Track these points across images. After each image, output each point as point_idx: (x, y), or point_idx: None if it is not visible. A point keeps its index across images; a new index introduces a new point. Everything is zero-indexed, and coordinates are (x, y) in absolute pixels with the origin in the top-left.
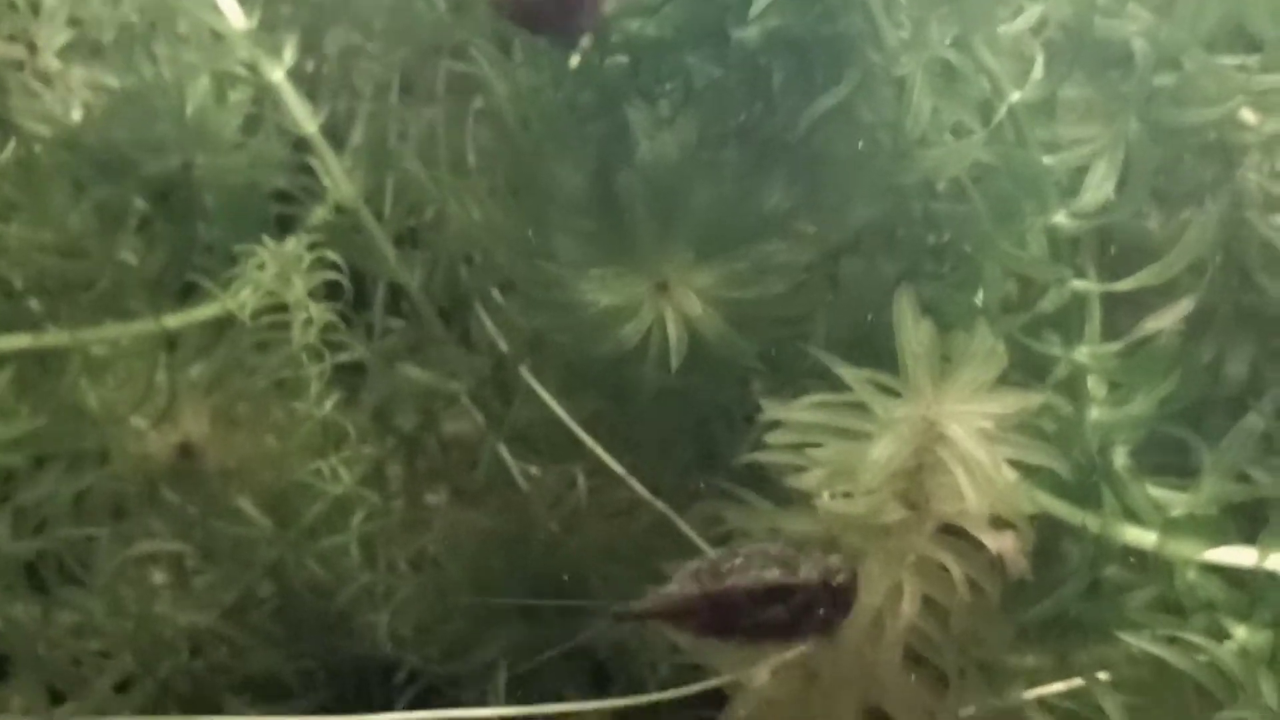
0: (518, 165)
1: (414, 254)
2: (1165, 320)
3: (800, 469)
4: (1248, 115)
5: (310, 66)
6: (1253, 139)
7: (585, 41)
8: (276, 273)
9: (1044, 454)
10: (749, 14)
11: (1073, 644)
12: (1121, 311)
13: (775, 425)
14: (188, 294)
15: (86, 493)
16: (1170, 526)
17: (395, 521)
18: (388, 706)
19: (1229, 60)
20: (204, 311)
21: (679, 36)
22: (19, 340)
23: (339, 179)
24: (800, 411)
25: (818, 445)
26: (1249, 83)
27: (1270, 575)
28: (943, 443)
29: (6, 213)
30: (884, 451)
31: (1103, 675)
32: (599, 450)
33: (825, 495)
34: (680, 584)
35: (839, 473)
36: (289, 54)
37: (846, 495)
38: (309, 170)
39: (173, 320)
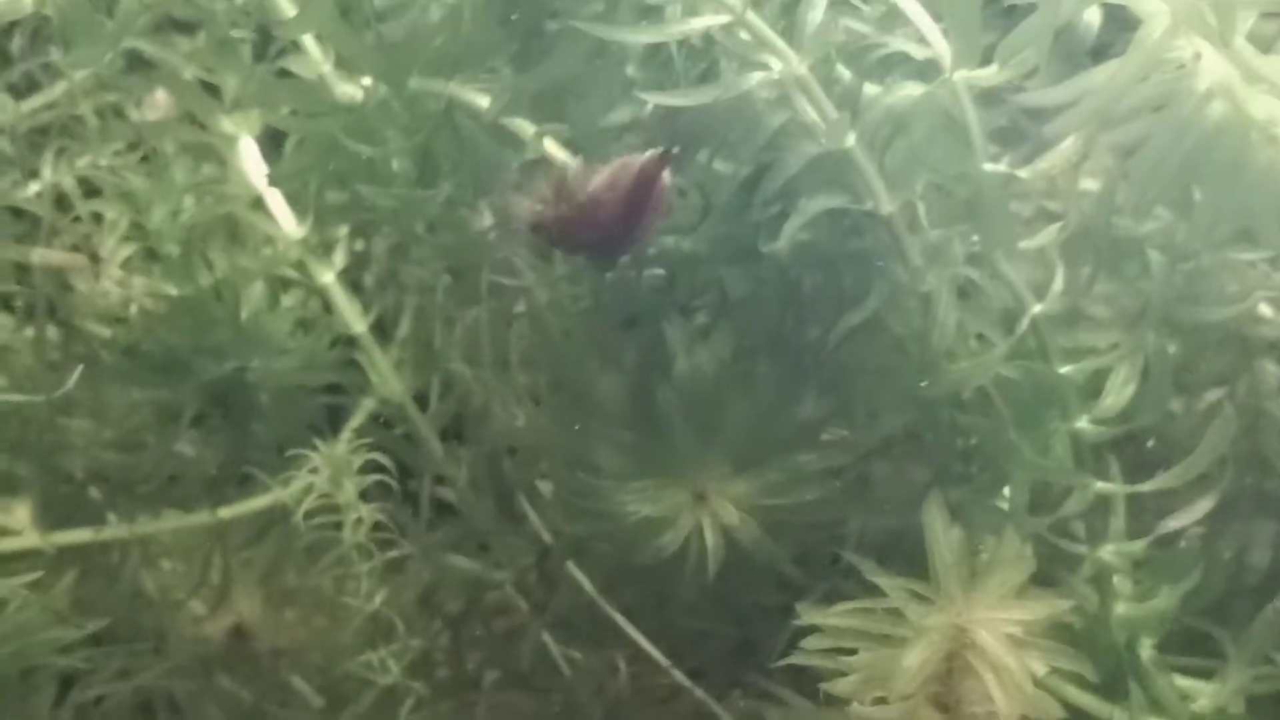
0: (558, 371)
1: (458, 448)
2: (1186, 519)
3: (837, 673)
4: (1264, 310)
5: (358, 268)
6: (1270, 332)
7: (623, 261)
8: (329, 476)
9: (1071, 659)
10: (780, 231)
11: None
12: (1146, 507)
13: (812, 629)
14: (241, 483)
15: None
16: (1196, 719)
17: (443, 710)
18: None
19: (1243, 256)
20: (258, 503)
21: (713, 251)
22: (81, 535)
23: (386, 375)
24: (836, 617)
25: (853, 650)
26: (1267, 279)
27: None
28: (973, 649)
29: (69, 408)
30: (917, 658)
31: None
32: (640, 639)
33: (860, 700)
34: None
35: (874, 679)
36: (339, 257)
37: (881, 700)
38: (357, 365)
39: (228, 511)
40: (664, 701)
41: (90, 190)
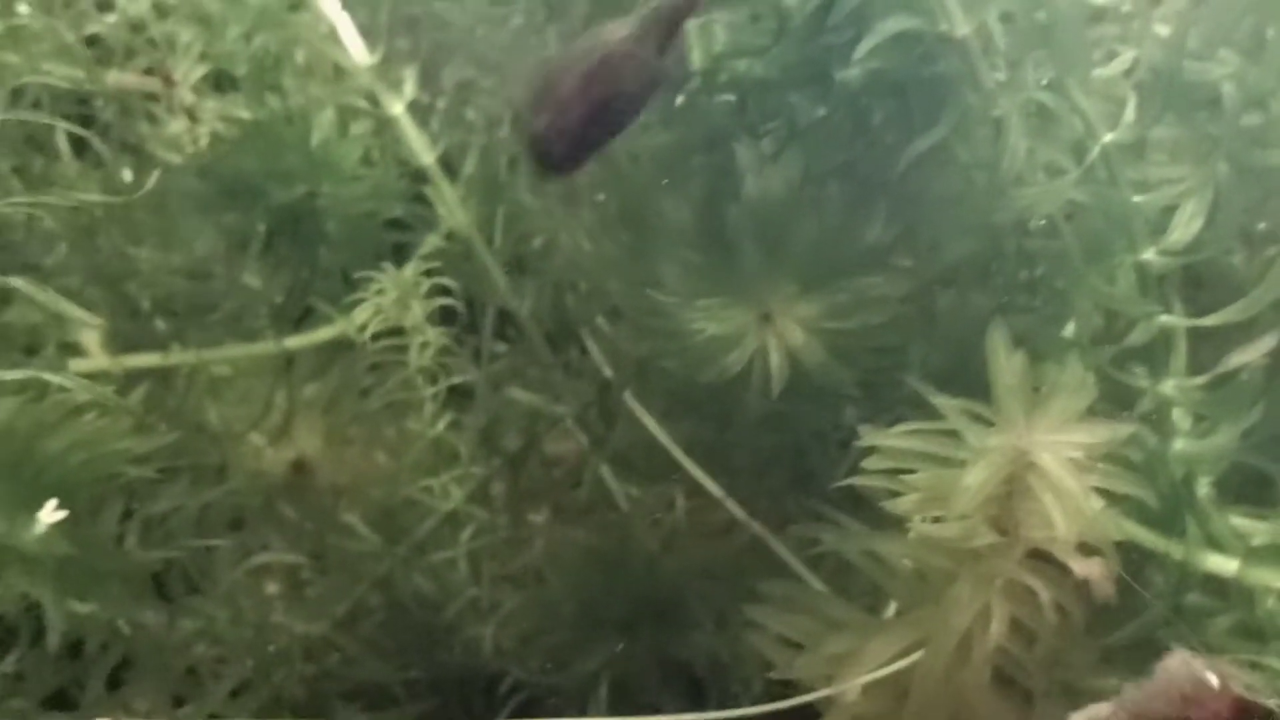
0: (627, 199)
1: (523, 281)
2: (1249, 355)
3: (895, 494)
4: None
5: (428, 100)
6: None
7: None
8: (396, 298)
9: (1131, 483)
10: (852, 56)
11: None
12: (1207, 346)
13: (872, 451)
14: (305, 316)
15: (208, 506)
16: (1252, 555)
17: (501, 538)
18: (491, 717)
19: None
20: (323, 334)
21: (784, 76)
22: (148, 359)
23: (453, 208)
24: (897, 438)
25: (912, 471)
26: None
27: None
28: (1033, 471)
29: (137, 237)
30: (977, 478)
31: None
32: (698, 473)
33: (919, 519)
34: None
35: (933, 498)
36: (409, 88)
37: (939, 520)
38: (424, 199)
39: (293, 342)
40: (720, 535)
41: (164, 13)
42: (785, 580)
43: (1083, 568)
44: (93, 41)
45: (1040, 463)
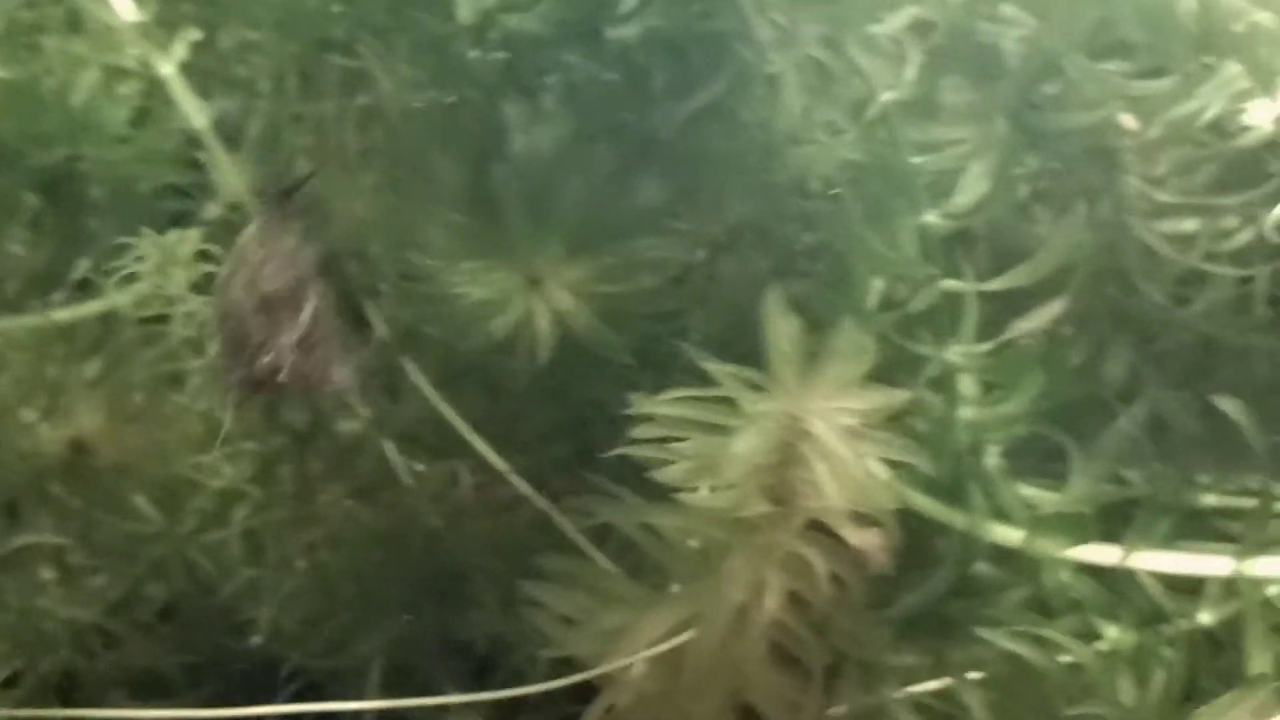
0: (398, 159)
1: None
2: (1035, 321)
3: (666, 463)
4: (1128, 121)
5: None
6: (1133, 144)
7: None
8: (157, 265)
9: (909, 450)
10: (623, 12)
11: (949, 643)
12: (1007, 315)
13: (644, 420)
14: (84, 287)
15: None
16: (1038, 524)
17: (280, 517)
18: (269, 702)
19: (1109, 66)
20: (93, 306)
21: (557, 33)
22: None
23: (228, 174)
24: (666, 405)
25: (683, 440)
26: (1127, 88)
27: (1134, 575)
28: (807, 438)
29: None
30: (745, 445)
31: (972, 674)
32: (482, 446)
33: (689, 489)
34: None
35: (702, 466)
36: (180, 48)
37: (711, 490)
38: (200, 165)
39: (63, 314)
40: (506, 511)
41: None
42: (570, 556)
43: (858, 538)
44: None
45: (813, 430)
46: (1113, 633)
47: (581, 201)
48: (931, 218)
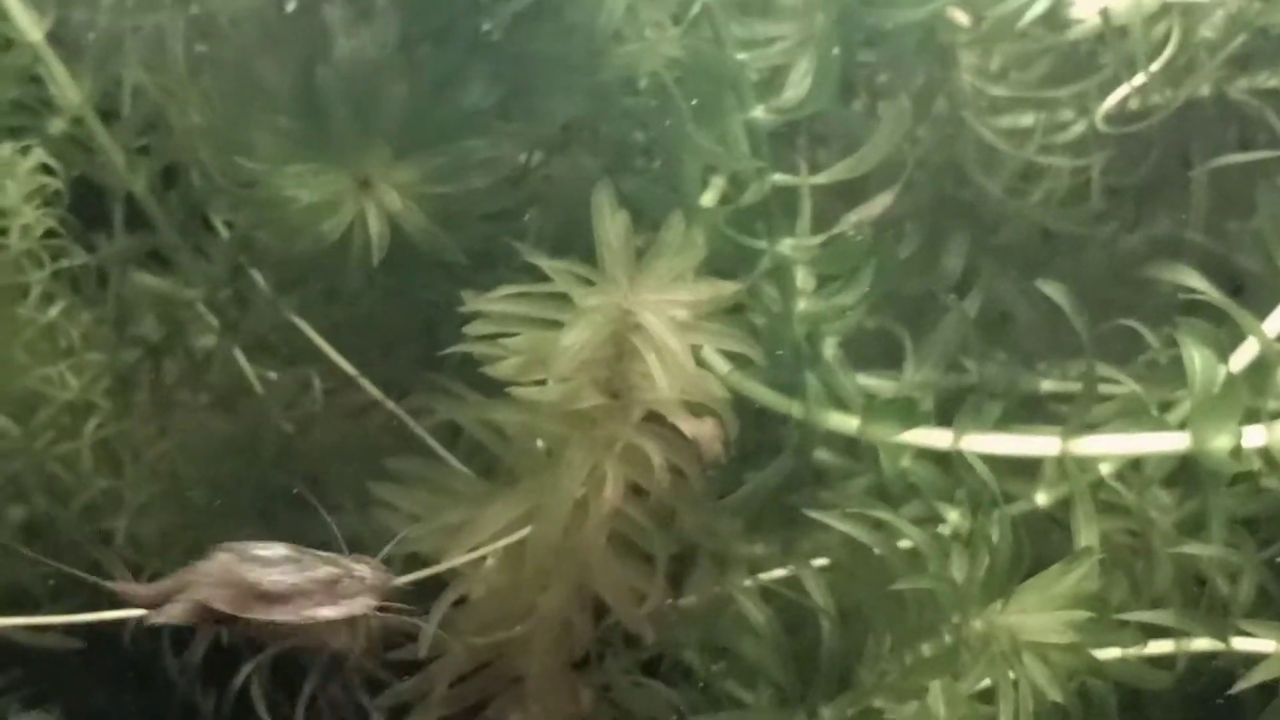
0: (229, 67)
1: (148, 161)
2: (865, 213)
3: (499, 359)
4: (959, 16)
5: None
6: (966, 39)
7: None
8: None
9: (739, 341)
10: None
11: (796, 532)
12: (843, 209)
13: (476, 317)
14: None
15: None
16: (874, 412)
17: (133, 428)
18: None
19: None
20: None
21: None
22: None
23: (66, 87)
24: (498, 302)
25: (515, 335)
26: None
27: (966, 458)
28: (638, 331)
29: None
30: (575, 338)
31: (818, 561)
32: (331, 352)
33: (523, 384)
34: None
35: (533, 361)
36: None
37: (542, 382)
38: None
39: None
40: (358, 415)
41: None
42: (420, 458)
43: (693, 428)
44: None
45: (644, 322)
46: (953, 516)
47: (408, 103)
48: (759, 113)
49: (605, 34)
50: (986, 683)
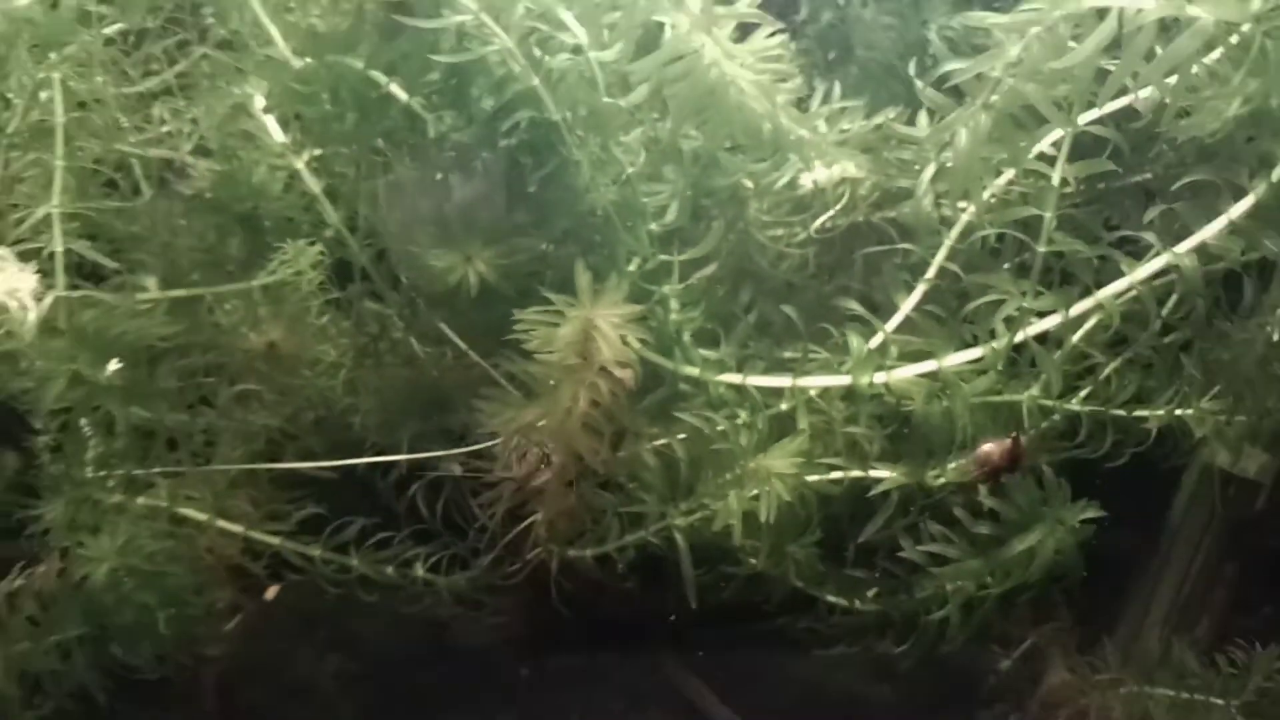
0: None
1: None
2: (703, 273)
3: (534, 340)
4: (749, 183)
5: None
6: (753, 194)
7: None
8: None
9: (640, 333)
10: None
11: (672, 422)
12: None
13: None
14: None
15: None
16: (705, 365)
17: (363, 375)
18: None
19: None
20: None
21: None
22: None
23: (327, 210)
24: (532, 315)
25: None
26: (746, 166)
27: (749, 388)
28: (596, 329)
29: None
30: (566, 330)
31: (680, 436)
32: (455, 338)
33: (545, 353)
34: None
35: (547, 341)
36: None
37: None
38: None
39: None
40: (467, 369)
41: None
42: (496, 388)
43: (620, 373)
44: None
45: (598, 324)
46: (743, 414)
47: (489, 220)
48: (654, 227)
49: (584, 186)
50: (755, 491)
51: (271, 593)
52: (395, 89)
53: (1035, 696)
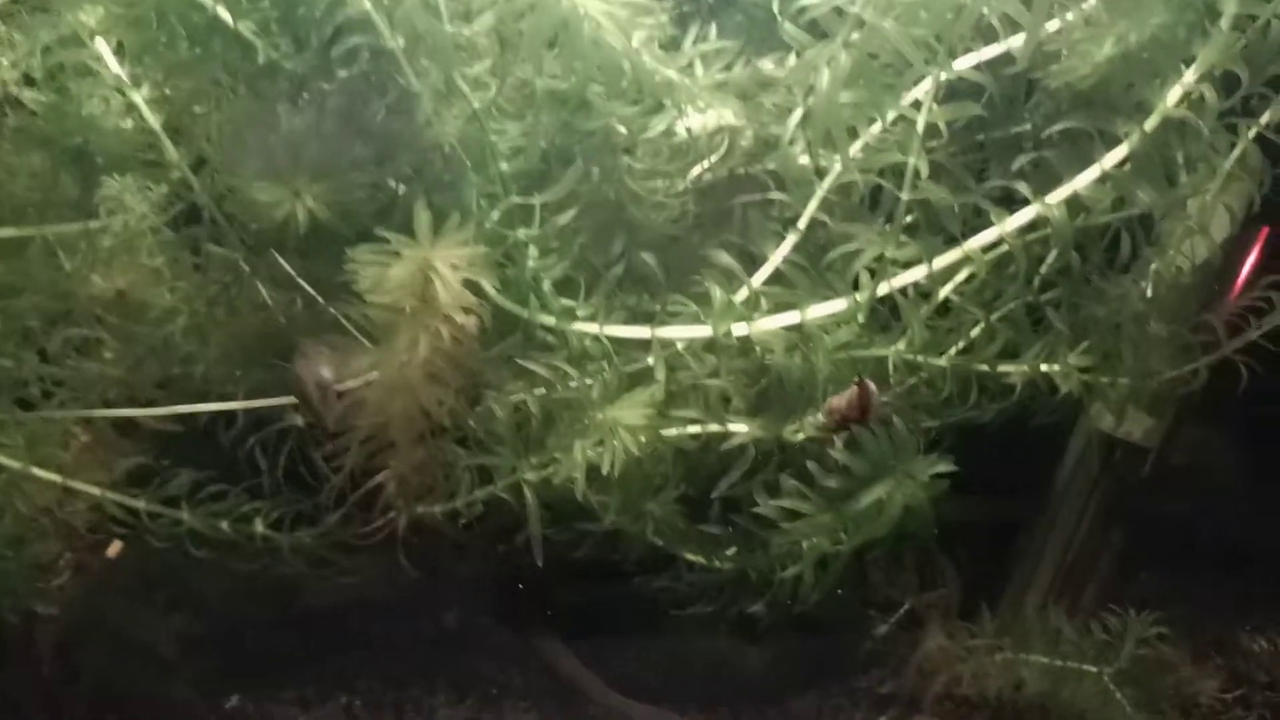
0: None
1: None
2: (560, 221)
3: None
4: (621, 127)
5: None
6: (628, 141)
7: None
8: None
9: (485, 276)
10: None
11: (530, 376)
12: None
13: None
14: None
15: None
16: (563, 314)
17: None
18: None
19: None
20: None
21: None
22: None
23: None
24: (367, 254)
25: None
26: (622, 110)
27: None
28: (436, 272)
29: None
30: (399, 271)
31: (538, 390)
32: (298, 279)
33: (379, 296)
34: None
35: (381, 284)
36: None
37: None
38: None
39: None
40: (312, 311)
41: None
42: (339, 334)
43: (462, 318)
44: None
45: (439, 268)
46: (604, 369)
47: (326, 152)
48: (505, 167)
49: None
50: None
51: (114, 550)
52: (221, 12)
53: (911, 662)
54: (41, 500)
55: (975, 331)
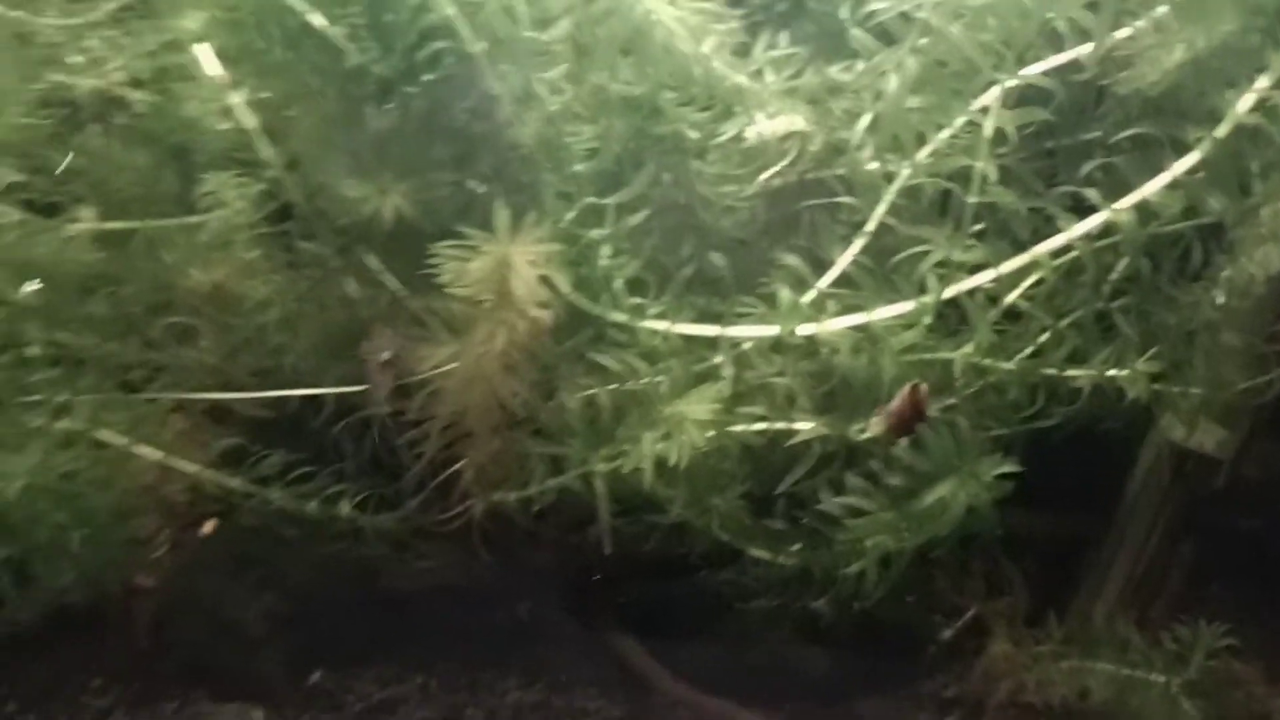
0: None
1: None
2: (632, 220)
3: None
4: (692, 132)
5: None
6: (699, 145)
7: None
8: None
9: (558, 273)
10: None
11: (599, 369)
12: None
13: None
14: None
15: None
16: (634, 311)
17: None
18: None
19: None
20: None
21: None
22: None
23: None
24: (450, 249)
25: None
26: (690, 115)
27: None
28: (512, 268)
29: None
30: (479, 266)
31: (612, 385)
32: (387, 276)
33: (461, 289)
34: None
35: (462, 277)
36: None
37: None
38: None
39: None
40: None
41: None
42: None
43: (537, 313)
44: None
45: (515, 264)
46: (672, 364)
47: (409, 153)
48: (580, 169)
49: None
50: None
51: (209, 527)
52: (314, 18)
53: (976, 668)
54: (143, 478)
55: (1043, 337)
